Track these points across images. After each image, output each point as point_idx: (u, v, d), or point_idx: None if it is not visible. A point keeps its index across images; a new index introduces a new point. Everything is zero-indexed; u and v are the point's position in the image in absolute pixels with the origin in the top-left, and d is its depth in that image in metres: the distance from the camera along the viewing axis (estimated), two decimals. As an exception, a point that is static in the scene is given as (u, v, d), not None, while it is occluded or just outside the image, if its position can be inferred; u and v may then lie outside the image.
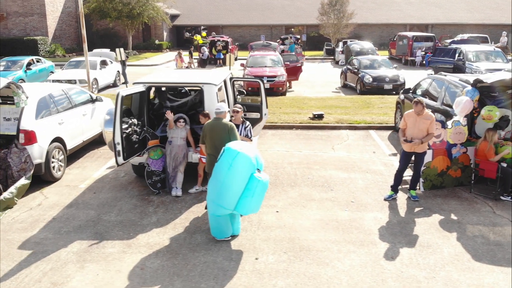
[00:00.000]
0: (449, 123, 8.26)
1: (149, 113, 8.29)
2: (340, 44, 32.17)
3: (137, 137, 7.58)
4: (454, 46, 21.11)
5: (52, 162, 8.44)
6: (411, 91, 11.66)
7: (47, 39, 36.38)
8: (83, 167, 9.45)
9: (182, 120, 7.89)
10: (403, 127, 7.61)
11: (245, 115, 9.72)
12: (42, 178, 8.35)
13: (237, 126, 7.37)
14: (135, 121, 7.49)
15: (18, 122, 7.99)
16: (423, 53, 29.33)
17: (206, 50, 24.18)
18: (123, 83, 21.62)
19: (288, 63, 19.74)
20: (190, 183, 8.17)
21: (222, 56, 30.08)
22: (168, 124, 7.83)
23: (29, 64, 19.89)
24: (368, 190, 8.14)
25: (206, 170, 6.88)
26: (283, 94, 18.25)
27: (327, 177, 8.74)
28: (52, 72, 21.36)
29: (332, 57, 34.87)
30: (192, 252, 5.99)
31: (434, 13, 45.70)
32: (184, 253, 5.95)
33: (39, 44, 34.97)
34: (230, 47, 31.26)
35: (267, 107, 9.61)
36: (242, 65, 19.37)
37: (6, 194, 7.29)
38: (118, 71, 20.98)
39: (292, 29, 46.60)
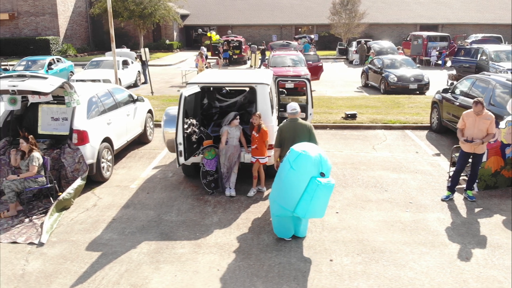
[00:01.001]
0: (502, 123, 8.19)
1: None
2: (354, 43, 32.09)
3: (196, 137, 7.52)
4: (475, 46, 21.01)
5: (102, 162, 8.38)
6: (449, 91, 11.59)
7: (58, 39, 36.32)
8: (128, 167, 9.39)
9: (238, 118, 7.80)
10: (461, 127, 7.54)
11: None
12: (92, 178, 8.28)
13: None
14: (193, 121, 7.43)
15: (71, 122, 7.93)
16: (437, 53, 29.31)
17: (204, 49, 24.01)
18: (143, 83, 21.59)
19: (311, 62, 19.67)
20: (240, 183, 8.10)
21: (228, 56, 29.97)
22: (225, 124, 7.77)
23: (49, 64, 19.82)
24: (423, 190, 8.07)
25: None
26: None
27: (377, 178, 8.68)
28: (72, 72, 21.32)
29: (345, 57, 34.81)
30: (264, 253, 5.92)
31: (445, 13, 45.63)
32: (256, 254, 5.89)
33: (51, 44, 34.91)
34: (243, 47, 31.21)
35: (312, 107, 9.55)
36: (265, 64, 19.29)
37: (65, 195, 7.23)
38: (138, 71, 20.92)
39: (300, 29, 46.52)
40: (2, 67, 20.15)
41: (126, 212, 7.22)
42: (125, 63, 19.88)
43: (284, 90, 10.69)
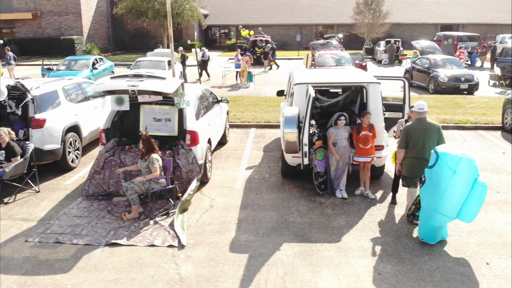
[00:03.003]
0: None
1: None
2: (382, 43, 31.96)
3: (316, 138, 7.42)
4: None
5: (206, 163, 8.26)
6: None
7: (82, 39, 36.20)
8: (221, 168, 9.27)
9: (343, 118, 7.70)
10: None
11: (384, 114, 9.55)
12: (197, 179, 8.17)
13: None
14: (313, 122, 7.32)
15: (183, 123, 7.82)
16: (468, 53, 29.16)
17: (206, 50, 23.68)
18: (183, 83, 21.45)
19: (358, 62, 19.55)
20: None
21: (251, 54, 29.58)
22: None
23: (93, 64, 19.66)
24: (535, 191, 7.97)
25: (406, 173, 6.65)
26: (355, 94, 18.04)
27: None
28: (112, 72, 21.18)
29: (370, 56, 34.65)
30: (416, 257, 5.80)
31: (465, 13, 45.51)
32: (408, 258, 5.77)
33: (76, 43, 34.80)
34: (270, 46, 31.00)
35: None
36: (312, 64, 19.16)
37: (186, 196, 7.13)
38: (181, 72, 20.81)
39: (316, 29, 46.32)
40: (45, 66, 19.98)
41: (247, 213, 7.11)
42: (169, 63, 19.75)
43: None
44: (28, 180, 7.94)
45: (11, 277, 5.38)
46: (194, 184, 7.45)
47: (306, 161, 7.05)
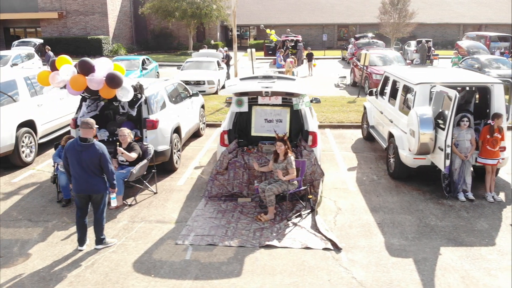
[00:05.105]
0: None
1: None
2: (413, 43, 31.88)
3: (445, 139, 7.33)
4: None
5: (319, 165, 8.19)
6: None
7: (108, 39, 36.12)
8: (323, 169, 9.19)
9: (466, 120, 7.62)
10: None
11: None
12: (311, 180, 8.09)
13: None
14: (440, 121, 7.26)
15: (304, 123, 7.75)
16: (500, 53, 29.08)
17: (221, 50, 23.34)
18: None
19: (408, 61, 19.43)
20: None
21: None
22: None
23: (142, 64, 19.56)
24: None
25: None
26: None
27: None
28: (158, 72, 21.10)
29: (399, 57, 34.56)
30: None
31: (486, 13, 45.42)
32: None
33: (103, 43, 34.73)
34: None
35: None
36: (367, 70, 19.02)
37: (318, 198, 7.06)
38: (227, 72, 20.74)
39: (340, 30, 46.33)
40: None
41: (382, 216, 7.01)
42: (218, 64, 19.69)
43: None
44: (145, 182, 7.87)
45: (184, 282, 5.30)
46: (321, 185, 7.38)
47: (448, 163, 6.97)
